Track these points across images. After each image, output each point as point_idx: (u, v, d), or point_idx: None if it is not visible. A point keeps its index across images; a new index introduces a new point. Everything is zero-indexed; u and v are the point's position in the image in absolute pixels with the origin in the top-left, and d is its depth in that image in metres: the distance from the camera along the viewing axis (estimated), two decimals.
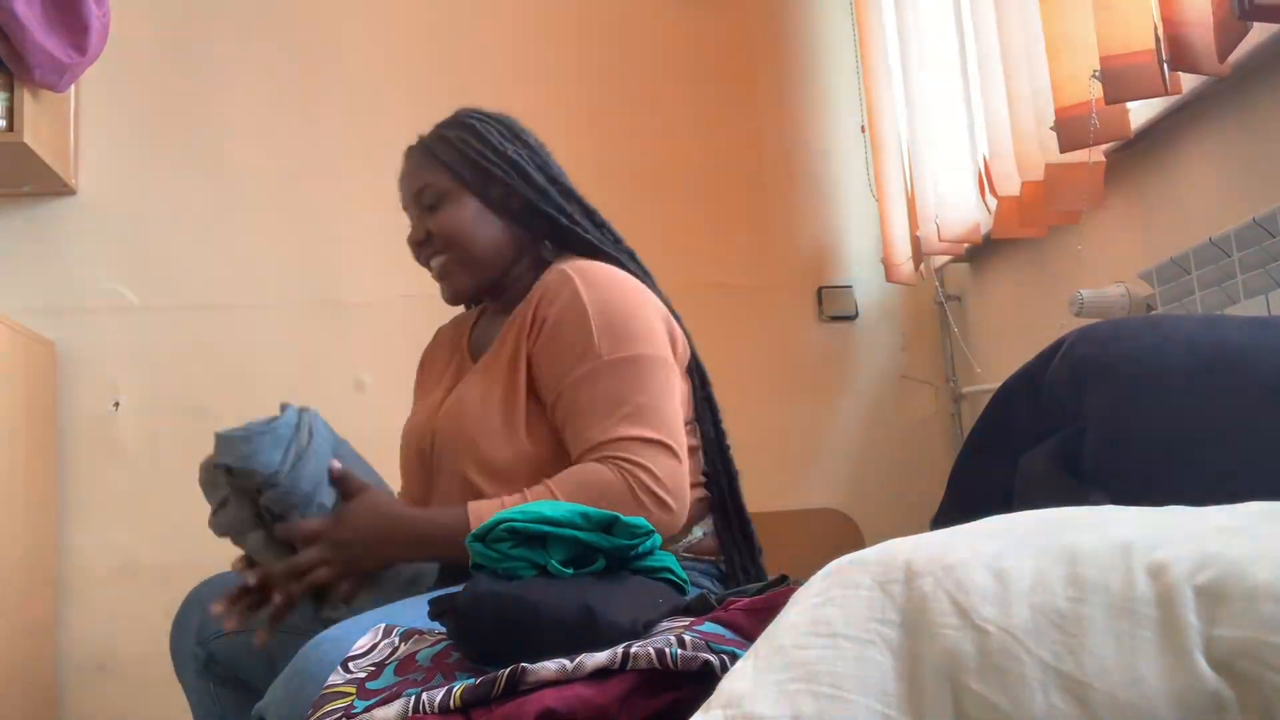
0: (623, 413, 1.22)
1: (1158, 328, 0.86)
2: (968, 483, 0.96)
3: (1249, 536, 0.51)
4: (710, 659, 0.76)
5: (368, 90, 2.48)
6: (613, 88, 2.53)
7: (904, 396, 2.49)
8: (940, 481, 0.99)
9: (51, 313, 2.33)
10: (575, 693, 0.74)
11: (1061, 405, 0.85)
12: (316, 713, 0.85)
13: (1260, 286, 1.23)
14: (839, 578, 0.57)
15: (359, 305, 2.42)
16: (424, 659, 0.91)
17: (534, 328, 1.30)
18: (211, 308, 2.40)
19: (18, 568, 2.04)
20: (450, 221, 1.39)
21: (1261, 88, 1.33)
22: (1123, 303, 1.54)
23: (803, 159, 2.56)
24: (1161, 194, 1.56)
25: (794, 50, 2.60)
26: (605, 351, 1.25)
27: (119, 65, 2.37)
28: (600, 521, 0.95)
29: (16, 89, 2.10)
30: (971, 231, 2.04)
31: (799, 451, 2.43)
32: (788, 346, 2.48)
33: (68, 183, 2.35)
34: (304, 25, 2.51)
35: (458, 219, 1.39)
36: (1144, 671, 0.45)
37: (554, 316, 1.28)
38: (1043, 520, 0.59)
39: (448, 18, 2.53)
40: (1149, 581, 0.49)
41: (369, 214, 2.44)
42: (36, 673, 2.13)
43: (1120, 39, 1.37)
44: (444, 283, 1.42)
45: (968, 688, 0.48)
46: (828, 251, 2.54)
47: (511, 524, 0.92)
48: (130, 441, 2.33)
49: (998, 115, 1.82)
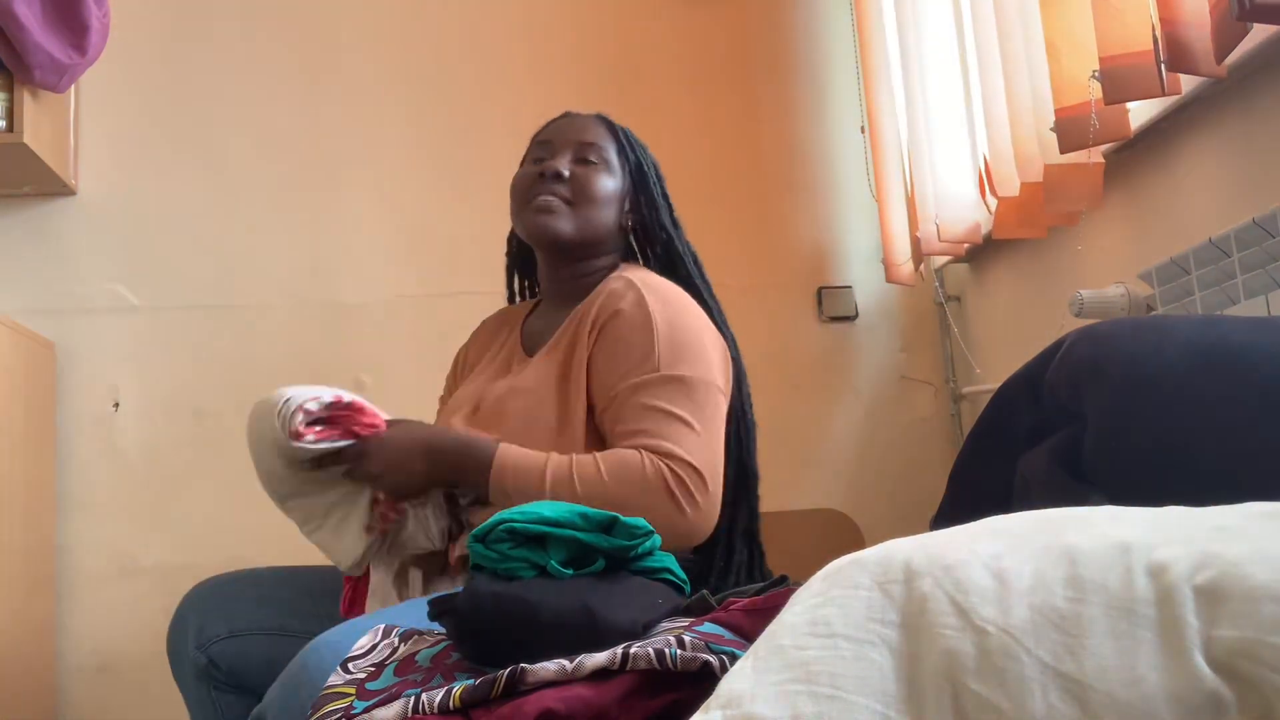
0: (670, 427, 1.23)
1: (1157, 328, 0.86)
2: (968, 483, 0.96)
3: (1248, 537, 0.51)
4: (710, 659, 0.76)
5: (368, 90, 2.49)
6: (612, 88, 2.52)
7: (904, 397, 2.49)
8: (940, 481, 0.99)
9: (51, 313, 2.33)
10: (575, 693, 0.74)
11: (1061, 405, 0.85)
12: (316, 713, 0.85)
13: (1260, 287, 1.23)
14: (838, 578, 0.57)
15: (359, 305, 2.42)
16: (423, 659, 0.91)
17: (595, 328, 1.31)
18: (211, 308, 2.40)
19: (17, 568, 2.04)
20: (597, 181, 1.41)
21: (1261, 88, 1.33)
22: (1122, 303, 1.54)
23: (803, 159, 2.56)
24: (1161, 194, 1.56)
25: (794, 50, 2.60)
26: (664, 365, 1.26)
27: (119, 65, 2.37)
28: (599, 522, 0.95)
29: (16, 89, 2.10)
30: (971, 232, 2.04)
31: (799, 452, 2.43)
32: (788, 347, 2.48)
33: (68, 183, 2.35)
34: (304, 25, 2.51)
35: (604, 185, 1.41)
36: (1143, 672, 0.45)
37: (618, 321, 1.29)
38: (1042, 520, 0.59)
39: (448, 19, 2.53)
40: (1148, 582, 0.49)
41: (369, 214, 2.44)
42: (36, 673, 2.13)
43: (1119, 39, 1.37)
44: (546, 217, 1.40)
45: (967, 688, 0.48)
46: (827, 252, 2.54)
47: (511, 524, 0.92)
48: (130, 442, 2.33)
49: (997, 116, 1.82)
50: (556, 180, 1.40)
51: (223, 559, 1.58)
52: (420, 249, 2.40)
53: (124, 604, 2.25)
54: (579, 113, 1.49)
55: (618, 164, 1.43)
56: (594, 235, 1.41)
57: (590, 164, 1.41)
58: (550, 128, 1.48)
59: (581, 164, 1.41)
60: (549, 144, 1.45)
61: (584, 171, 1.40)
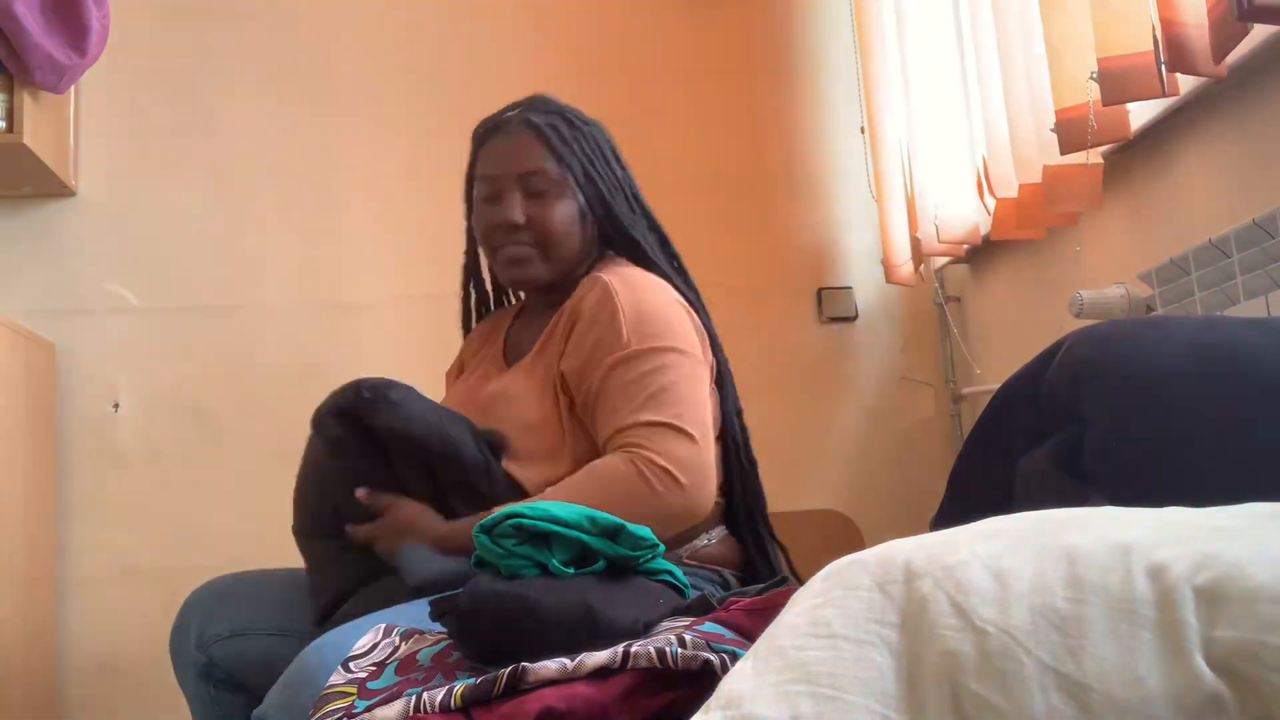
0: (641, 399, 1.23)
1: (1157, 329, 0.86)
2: (968, 483, 0.96)
3: (1248, 537, 0.51)
4: (710, 658, 0.76)
5: (368, 91, 2.48)
6: (612, 89, 2.52)
7: (904, 397, 2.49)
8: (940, 482, 0.99)
9: (51, 314, 2.33)
10: (575, 691, 0.74)
11: (1061, 406, 0.85)
12: (318, 713, 0.85)
13: (1260, 287, 1.23)
14: (838, 579, 0.57)
15: (359, 305, 2.42)
16: (425, 658, 0.91)
17: (568, 329, 1.32)
18: (211, 308, 2.40)
19: (18, 568, 2.04)
20: (556, 217, 1.37)
21: (1260, 89, 1.33)
22: (1122, 304, 1.54)
23: (802, 160, 2.56)
24: (1161, 195, 1.56)
25: (794, 51, 2.60)
26: (634, 343, 1.26)
27: (119, 66, 2.37)
28: (606, 527, 0.95)
29: (16, 90, 2.10)
30: (971, 233, 2.04)
31: (799, 452, 2.43)
32: (787, 348, 2.48)
33: (68, 184, 2.35)
34: (304, 26, 2.51)
35: (563, 217, 1.38)
36: (1143, 672, 0.46)
37: (586, 317, 1.30)
38: (1042, 521, 0.59)
39: (448, 20, 2.53)
40: (1148, 582, 0.49)
41: (369, 214, 2.44)
42: (36, 673, 2.13)
43: (1119, 40, 1.37)
44: (518, 269, 1.40)
45: (967, 688, 0.48)
46: (827, 253, 2.54)
47: (519, 520, 0.92)
48: (130, 443, 2.33)
49: (996, 117, 1.82)
50: (515, 230, 1.37)
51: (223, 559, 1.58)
52: (420, 249, 2.40)
53: (124, 604, 2.25)
54: (511, 123, 1.43)
55: (566, 177, 1.38)
56: (568, 265, 1.40)
57: (540, 196, 1.37)
58: (489, 155, 1.43)
59: (533, 198, 1.37)
60: (493, 179, 1.40)
61: (539, 210, 1.37)
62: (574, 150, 1.39)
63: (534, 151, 1.39)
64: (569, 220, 1.38)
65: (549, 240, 1.37)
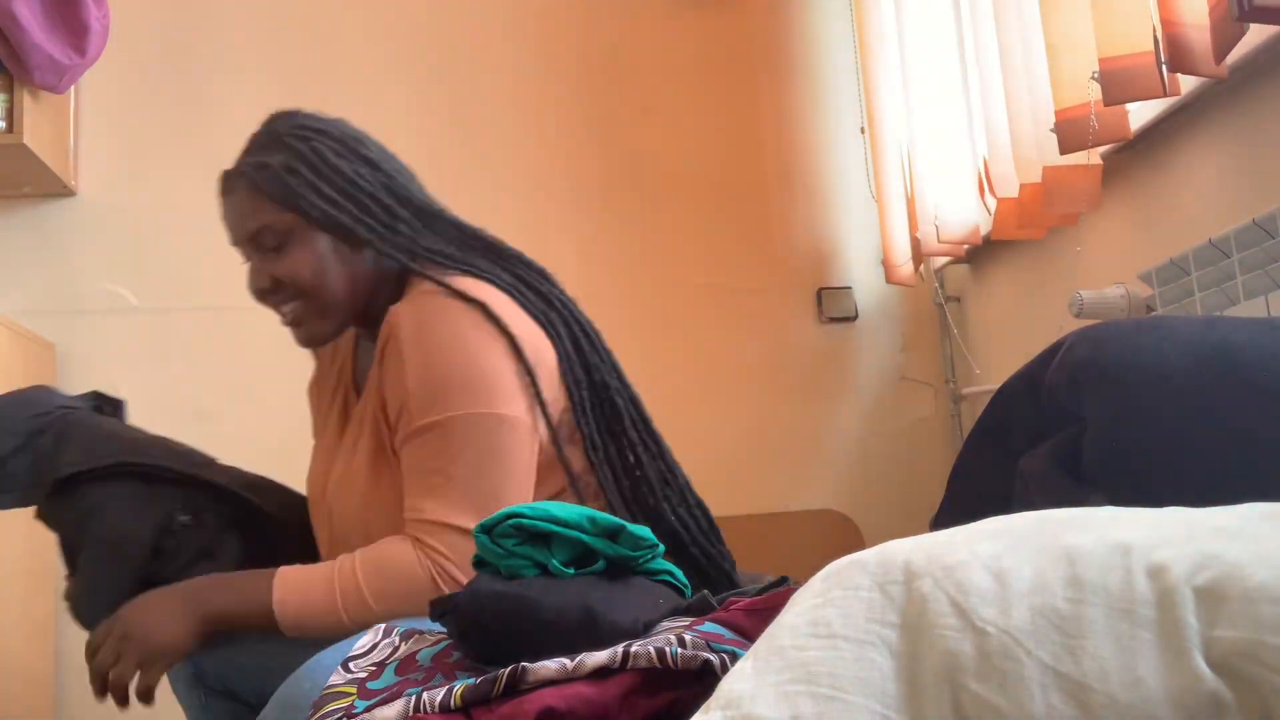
0: (423, 489, 1.14)
1: (1157, 329, 0.86)
2: (968, 483, 0.96)
3: (1248, 538, 0.51)
4: (710, 658, 0.76)
5: (367, 91, 2.48)
6: (612, 89, 2.53)
7: (904, 397, 2.49)
8: (940, 482, 0.99)
9: (51, 314, 2.33)
10: (575, 691, 0.74)
11: (1061, 406, 0.85)
12: (317, 713, 0.85)
13: (1260, 288, 1.23)
14: (838, 579, 0.57)
15: None
16: (424, 658, 0.91)
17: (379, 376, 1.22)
18: (211, 308, 2.40)
19: (18, 568, 2.04)
20: (300, 266, 1.24)
21: (1260, 89, 1.33)
22: (1122, 304, 1.54)
23: (803, 160, 2.56)
24: (1161, 195, 1.56)
25: (794, 51, 2.60)
26: (417, 417, 1.14)
27: (119, 66, 2.37)
28: (606, 528, 0.95)
29: (16, 90, 2.10)
30: (971, 233, 2.04)
31: (799, 452, 2.43)
32: (788, 348, 2.48)
33: (67, 184, 2.35)
34: (304, 26, 2.51)
35: (307, 262, 1.24)
36: (1143, 673, 0.46)
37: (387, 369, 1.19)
38: (1043, 521, 0.59)
39: (448, 21, 2.53)
40: (1148, 583, 0.49)
41: None
42: (36, 673, 2.13)
43: (1119, 40, 1.37)
44: (298, 330, 1.30)
45: (967, 689, 0.48)
46: (827, 253, 2.55)
47: (520, 519, 0.92)
48: None
49: (997, 117, 1.82)
50: (270, 295, 1.27)
51: None
52: None
53: None
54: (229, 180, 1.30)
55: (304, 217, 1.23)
56: (346, 305, 1.27)
57: (277, 250, 1.24)
58: (224, 220, 1.32)
59: (271, 255, 1.24)
60: (236, 246, 1.30)
61: (281, 267, 1.24)
62: (294, 185, 1.23)
63: (253, 206, 1.25)
64: (317, 264, 1.24)
65: (306, 293, 1.25)
